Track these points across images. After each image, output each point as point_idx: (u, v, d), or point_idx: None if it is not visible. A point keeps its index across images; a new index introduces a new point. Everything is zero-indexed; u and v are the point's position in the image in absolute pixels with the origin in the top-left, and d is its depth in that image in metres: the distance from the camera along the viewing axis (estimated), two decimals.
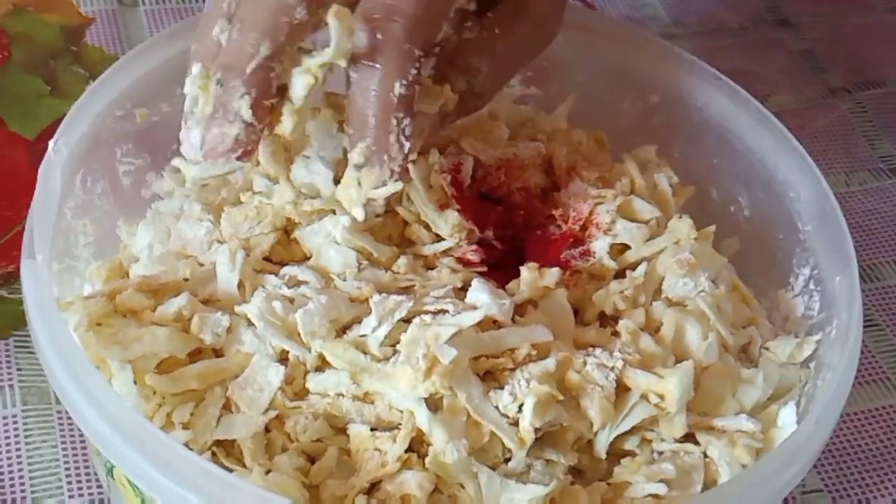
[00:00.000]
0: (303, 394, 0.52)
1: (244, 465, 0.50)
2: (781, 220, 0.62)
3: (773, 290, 0.62)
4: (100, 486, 0.59)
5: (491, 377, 0.52)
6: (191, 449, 0.49)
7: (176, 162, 0.58)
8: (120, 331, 0.51)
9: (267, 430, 0.51)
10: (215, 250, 0.56)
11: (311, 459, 0.51)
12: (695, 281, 0.57)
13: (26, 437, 0.60)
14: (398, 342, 0.51)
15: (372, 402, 0.51)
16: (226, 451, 0.51)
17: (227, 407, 0.52)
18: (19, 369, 0.63)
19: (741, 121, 0.64)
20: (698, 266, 0.58)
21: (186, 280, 0.55)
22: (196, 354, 0.53)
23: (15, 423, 0.61)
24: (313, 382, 0.52)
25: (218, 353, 0.53)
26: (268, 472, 0.50)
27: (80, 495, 0.58)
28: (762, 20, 0.91)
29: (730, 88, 0.65)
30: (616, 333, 0.55)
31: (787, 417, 0.55)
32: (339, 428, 0.52)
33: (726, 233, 0.64)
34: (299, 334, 0.52)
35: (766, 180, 0.63)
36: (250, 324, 0.53)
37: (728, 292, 0.59)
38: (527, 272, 0.56)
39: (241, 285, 0.55)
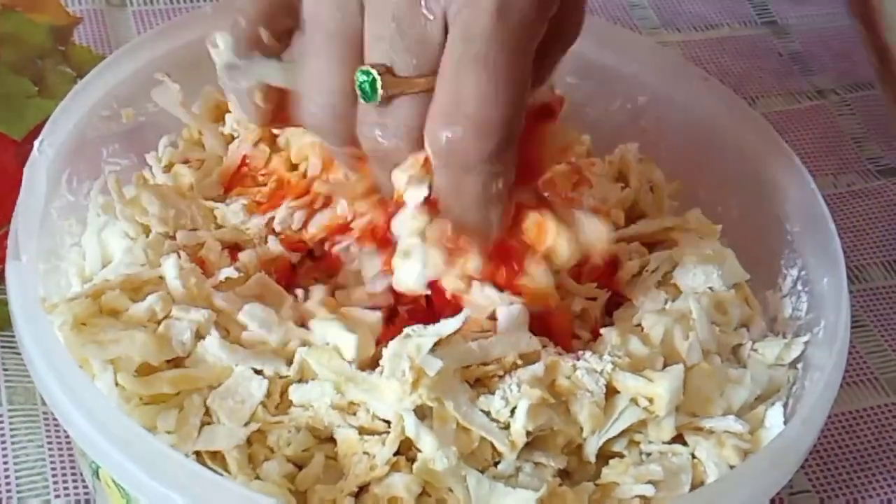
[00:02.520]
0: (283, 407, 0.51)
1: (229, 472, 0.50)
2: (769, 222, 0.62)
3: (761, 291, 0.62)
4: (85, 487, 0.58)
5: (480, 383, 0.52)
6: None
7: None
8: (101, 331, 0.51)
9: (249, 443, 0.50)
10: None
11: (298, 466, 0.51)
12: (706, 274, 0.58)
13: (12, 436, 0.60)
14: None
15: (354, 413, 0.51)
16: (211, 455, 0.50)
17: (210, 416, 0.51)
18: (5, 369, 0.62)
19: (730, 122, 0.64)
20: (713, 258, 0.58)
21: None
22: (181, 360, 0.52)
23: (1, 422, 0.60)
24: (297, 394, 0.51)
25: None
26: (254, 479, 0.49)
27: (66, 495, 0.58)
28: (751, 22, 0.91)
29: (718, 90, 0.65)
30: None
31: (774, 418, 0.55)
32: (322, 438, 0.51)
33: None
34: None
35: (754, 182, 0.63)
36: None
37: (736, 291, 0.59)
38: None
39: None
